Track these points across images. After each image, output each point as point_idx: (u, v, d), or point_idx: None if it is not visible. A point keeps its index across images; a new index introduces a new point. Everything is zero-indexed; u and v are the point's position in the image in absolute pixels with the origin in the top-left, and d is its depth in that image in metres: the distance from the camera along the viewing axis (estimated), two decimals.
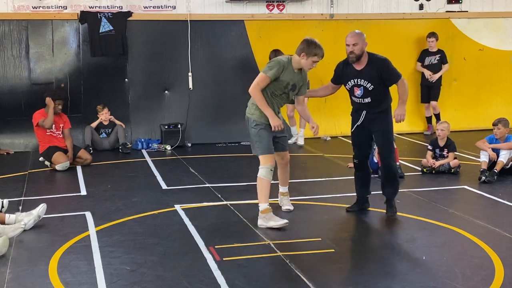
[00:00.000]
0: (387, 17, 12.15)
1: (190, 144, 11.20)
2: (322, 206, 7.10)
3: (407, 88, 6.38)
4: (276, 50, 10.60)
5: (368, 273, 5.16)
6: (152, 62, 11.27)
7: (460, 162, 8.76)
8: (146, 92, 11.30)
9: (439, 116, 11.93)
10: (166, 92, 11.39)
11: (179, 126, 11.06)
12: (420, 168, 8.80)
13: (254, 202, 6.33)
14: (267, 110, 6.22)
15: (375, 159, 8.37)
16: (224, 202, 7.21)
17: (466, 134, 11.57)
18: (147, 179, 8.56)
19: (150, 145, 10.90)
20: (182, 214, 6.72)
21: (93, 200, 7.45)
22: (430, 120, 12.31)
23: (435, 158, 8.76)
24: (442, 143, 8.76)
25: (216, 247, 5.62)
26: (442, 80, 12.18)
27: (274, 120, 6.21)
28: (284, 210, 6.74)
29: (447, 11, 12.41)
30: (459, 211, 6.82)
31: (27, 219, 6.18)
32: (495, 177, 8.10)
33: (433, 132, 11.45)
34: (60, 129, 9.51)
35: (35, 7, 10.72)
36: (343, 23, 11.77)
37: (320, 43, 6.23)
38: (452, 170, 8.57)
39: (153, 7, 11.16)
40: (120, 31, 10.96)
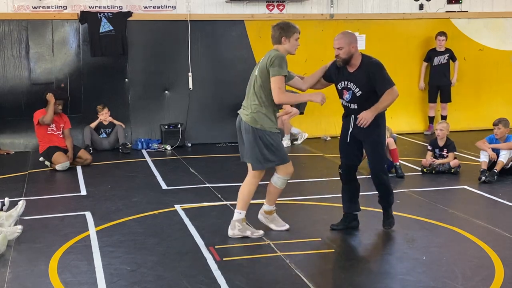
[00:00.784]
0: (387, 17, 12.14)
1: (190, 144, 11.21)
2: (322, 206, 7.10)
3: (393, 99, 5.78)
4: None
5: (368, 273, 5.16)
6: (152, 62, 11.27)
7: (460, 162, 8.76)
8: (146, 92, 11.30)
9: (445, 119, 11.85)
10: (166, 92, 11.39)
11: (179, 126, 11.06)
12: (420, 168, 8.80)
13: (254, 202, 6.32)
14: (303, 96, 5.87)
15: (390, 158, 8.39)
16: (224, 202, 7.21)
17: (466, 134, 11.58)
18: (147, 179, 8.56)
19: (150, 145, 10.90)
20: (182, 214, 6.72)
21: (93, 200, 7.45)
22: (432, 120, 12.28)
23: (435, 158, 8.76)
24: (441, 143, 8.77)
25: (216, 247, 5.62)
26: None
27: (315, 94, 5.81)
28: (285, 229, 6.15)
29: (447, 11, 12.41)
30: (459, 211, 6.82)
31: (7, 223, 6.05)
32: (495, 177, 8.10)
33: (433, 132, 11.45)
34: (61, 129, 9.52)
35: (35, 7, 10.71)
36: (343, 23, 11.76)
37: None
38: (452, 170, 8.57)
39: (153, 7, 11.16)
40: (120, 31, 10.96)
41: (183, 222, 6.45)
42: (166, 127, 11.06)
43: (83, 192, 7.87)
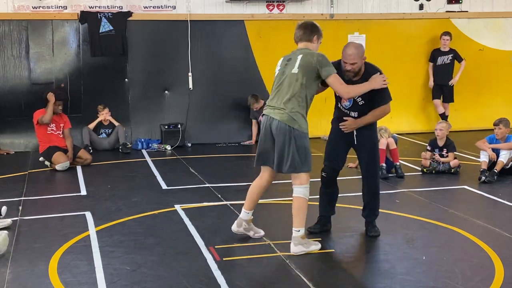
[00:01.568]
0: (387, 17, 12.14)
1: (190, 144, 11.21)
2: None
3: (382, 116, 5.81)
4: (255, 96, 10.95)
5: (368, 273, 5.16)
6: (152, 62, 11.28)
7: (460, 162, 8.76)
8: (146, 92, 11.31)
9: (446, 118, 11.83)
10: (166, 92, 11.39)
11: (179, 126, 11.06)
12: (420, 168, 8.80)
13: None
14: (365, 86, 5.62)
15: (390, 158, 8.40)
16: (224, 202, 7.21)
17: (466, 134, 11.57)
18: (147, 179, 8.56)
19: (150, 145, 10.90)
20: (182, 214, 6.72)
21: (93, 200, 7.45)
22: (445, 117, 11.99)
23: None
24: (441, 143, 8.76)
25: (216, 247, 5.62)
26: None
27: (375, 81, 5.62)
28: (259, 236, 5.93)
29: (447, 11, 12.41)
30: (459, 211, 6.82)
31: None
32: (495, 177, 8.10)
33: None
34: (61, 129, 9.52)
35: (35, 7, 10.72)
36: (343, 23, 11.78)
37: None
38: (452, 170, 8.57)
39: (153, 7, 11.16)
40: (120, 31, 10.96)
41: (183, 222, 6.45)
42: (166, 127, 11.06)
43: (83, 192, 7.87)
